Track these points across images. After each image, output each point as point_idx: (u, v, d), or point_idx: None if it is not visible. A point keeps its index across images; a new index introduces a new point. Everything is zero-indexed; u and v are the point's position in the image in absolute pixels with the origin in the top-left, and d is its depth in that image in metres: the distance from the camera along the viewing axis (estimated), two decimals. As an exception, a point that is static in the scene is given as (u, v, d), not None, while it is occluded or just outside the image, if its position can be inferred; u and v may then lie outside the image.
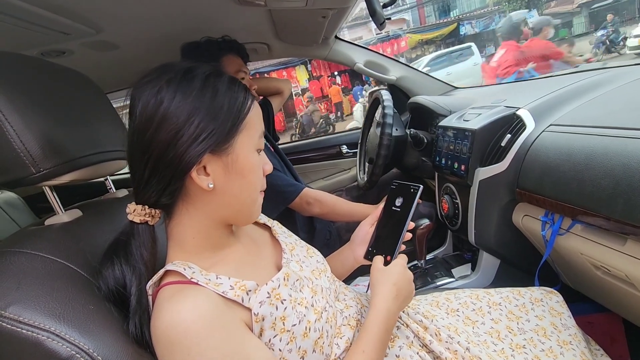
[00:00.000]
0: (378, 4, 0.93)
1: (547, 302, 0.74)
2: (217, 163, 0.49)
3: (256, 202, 0.56)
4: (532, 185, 0.83)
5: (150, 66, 0.49)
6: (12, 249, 0.44)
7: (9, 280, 0.40)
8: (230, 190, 0.51)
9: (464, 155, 1.01)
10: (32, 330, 0.36)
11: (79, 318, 0.39)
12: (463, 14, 14.80)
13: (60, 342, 0.36)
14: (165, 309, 0.44)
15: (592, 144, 0.69)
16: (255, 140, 0.53)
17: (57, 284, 0.42)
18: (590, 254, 0.72)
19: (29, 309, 0.37)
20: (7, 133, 0.46)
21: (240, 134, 0.50)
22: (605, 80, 0.90)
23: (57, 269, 0.44)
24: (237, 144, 0.50)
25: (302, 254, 0.65)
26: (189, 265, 0.49)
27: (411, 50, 14.32)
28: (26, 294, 0.39)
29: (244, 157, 0.51)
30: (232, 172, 0.50)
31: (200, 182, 0.48)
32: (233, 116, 0.49)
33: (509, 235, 0.97)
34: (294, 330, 0.51)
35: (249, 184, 0.53)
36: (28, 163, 0.47)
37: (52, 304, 0.39)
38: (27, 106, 0.49)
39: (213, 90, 0.48)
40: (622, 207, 0.61)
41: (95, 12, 0.91)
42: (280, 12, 1.18)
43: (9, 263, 0.42)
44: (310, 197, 1.17)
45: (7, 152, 0.46)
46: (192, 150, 0.46)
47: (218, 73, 0.51)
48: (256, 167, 0.54)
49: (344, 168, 1.95)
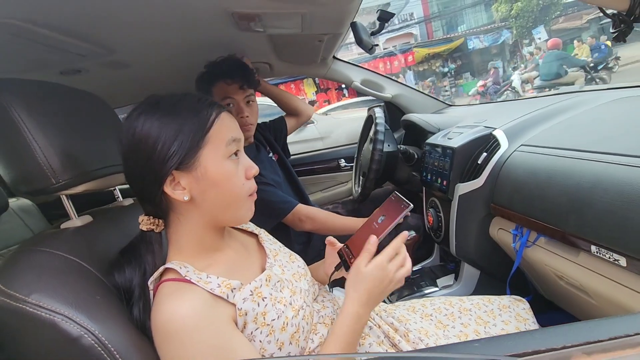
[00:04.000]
0: (365, 33, 1.01)
1: (514, 309, 0.80)
2: (189, 177, 0.55)
3: (243, 206, 0.59)
4: (504, 200, 0.90)
5: (158, 83, 0.58)
6: (35, 247, 0.53)
7: (32, 273, 0.48)
8: (209, 199, 0.57)
9: (445, 172, 1.08)
10: (49, 313, 0.44)
11: (88, 306, 0.47)
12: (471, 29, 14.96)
13: (71, 324, 0.44)
14: (164, 304, 0.51)
15: (553, 164, 0.76)
16: (223, 149, 0.56)
17: (71, 277, 0.50)
18: (552, 265, 0.78)
19: (47, 297, 0.45)
20: (33, 149, 0.55)
21: (205, 148, 0.55)
22: (574, 104, 0.97)
23: (71, 266, 0.52)
24: (203, 158, 0.55)
25: (285, 259, 0.73)
26: (185, 265, 0.57)
27: (418, 64, 14.47)
28: (45, 285, 0.47)
29: (214, 168, 0.55)
30: (205, 183, 0.55)
31: (176, 196, 0.55)
32: (194, 134, 0.54)
33: (487, 247, 1.03)
34: (273, 325, 0.58)
35: (225, 191, 0.57)
36: (49, 175, 0.56)
37: (66, 294, 0.47)
38: (49, 126, 0.58)
39: (174, 114, 0.54)
40: (574, 222, 0.67)
41: (107, 36, 1.01)
42: (279, 36, 1.28)
43: (33, 259, 0.51)
44: (302, 214, 1.23)
45: (32, 166, 0.55)
46: (160, 170, 0.53)
47: (184, 98, 0.57)
48: (229, 174, 0.57)
49: (341, 181, 2.03)
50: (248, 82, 1.25)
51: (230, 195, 0.57)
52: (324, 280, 0.82)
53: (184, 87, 1.42)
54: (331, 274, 0.75)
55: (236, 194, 0.58)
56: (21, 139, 0.54)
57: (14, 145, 0.55)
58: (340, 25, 1.11)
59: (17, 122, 0.54)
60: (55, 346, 0.44)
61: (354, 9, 1.03)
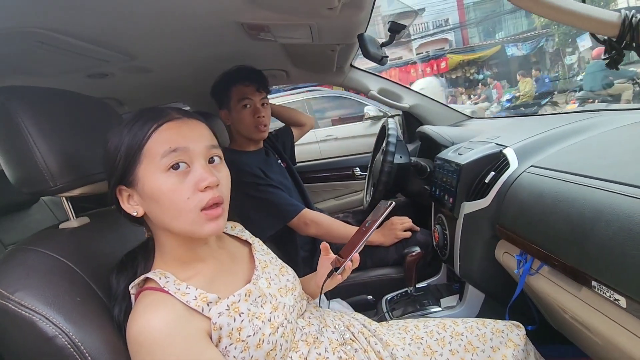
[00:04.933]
0: (374, 45, 1.00)
1: (507, 334, 0.76)
2: (133, 193, 0.57)
3: (193, 221, 0.55)
4: (509, 223, 0.86)
5: (179, 87, 0.61)
6: (28, 247, 0.56)
7: (21, 272, 0.51)
8: (156, 215, 0.57)
9: (452, 188, 1.04)
10: (29, 312, 0.47)
11: (66, 307, 0.50)
12: (509, 36, 14.43)
13: (48, 323, 0.47)
14: (139, 316, 0.53)
15: (559, 188, 0.71)
16: (157, 162, 0.54)
17: (55, 278, 0.53)
18: (555, 297, 0.73)
19: (29, 295, 0.48)
20: (34, 154, 0.58)
21: (141, 164, 0.54)
22: (593, 124, 0.90)
23: (58, 266, 0.55)
24: (140, 173, 0.55)
25: (274, 272, 0.73)
26: (166, 274, 0.58)
27: (451, 71, 14.11)
28: (30, 284, 0.50)
29: (149, 183, 0.54)
30: (146, 198, 0.55)
31: (129, 210, 0.58)
32: (128, 149, 0.55)
33: (491, 270, 0.98)
34: (248, 341, 0.58)
35: (167, 207, 0.54)
36: (47, 178, 0.59)
37: (48, 294, 0.49)
38: (52, 131, 0.61)
39: (120, 132, 0.57)
40: (575, 254, 0.63)
41: (128, 44, 1.06)
42: (293, 45, 1.30)
43: (23, 258, 0.54)
44: (307, 218, 1.25)
45: (33, 169, 0.59)
46: (109, 184, 0.57)
47: (135, 115, 0.58)
48: (166, 188, 0.54)
49: (355, 189, 2.01)
50: (263, 86, 1.33)
51: (172, 210, 0.54)
52: (316, 292, 0.82)
53: (202, 90, 1.48)
54: (322, 283, 0.75)
55: (179, 208, 0.54)
56: (24, 144, 0.58)
57: (17, 148, 0.59)
58: (351, 36, 1.10)
59: (21, 128, 0.58)
60: (32, 344, 0.47)
61: (363, 21, 1.02)
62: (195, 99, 1.84)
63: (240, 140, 1.36)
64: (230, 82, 1.28)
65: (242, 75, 1.27)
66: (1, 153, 0.61)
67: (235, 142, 1.38)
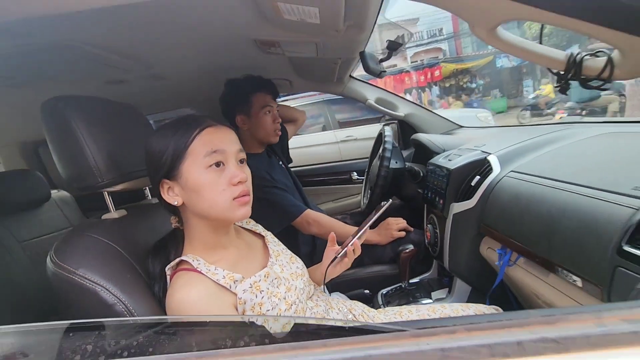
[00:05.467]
0: (373, 61, 1.12)
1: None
2: (176, 185, 0.67)
3: (228, 209, 0.66)
4: (491, 221, 0.97)
5: (188, 93, 0.71)
6: (84, 233, 0.66)
7: (80, 253, 0.61)
8: (195, 204, 0.67)
9: (442, 191, 1.16)
10: (92, 284, 0.57)
11: (121, 281, 0.60)
12: (501, 46, 14.72)
13: (108, 294, 0.57)
14: (177, 291, 0.63)
15: (533, 190, 0.83)
16: (200, 160, 0.65)
17: (109, 258, 0.63)
18: (529, 284, 0.85)
19: (91, 271, 0.58)
20: (86, 154, 0.68)
21: (185, 161, 0.65)
22: (565, 135, 1.03)
23: (108, 249, 0.65)
24: (184, 170, 0.65)
25: (286, 260, 0.83)
26: (197, 258, 0.68)
27: (445, 79, 14.37)
28: (89, 262, 0.60)
29: (193, 178, 0.65)
30: (188, 190, 0.66)
31: (170, 201, 0.68)
32: (175, 149, 0.65)
33: (476, 264, 1.09)
34: (267, 314, 0.68)
35: (206, 197, 0.65)
36: (97, 174, 0.69)
37: (105, 270, 0.59)
38: (99, 134, 0.71)
39: (166, 135, 0.66)
40: (544, 246, 0.75)
41: (148, 55, 1.17)
42: (298, 58, 1.41)
43: (80, 241, 0.64)
44: (310, 218, 1.35)
45: (84, 167, 0.69)
46: (154, 178, 0.67)
47: (177, 120, 0.69)
48: (208, 183, 0.65)
49: (352, 193, 2.12)
50: (277, 94, 1.45)
51: (210, 200, 0.65)
52: (321, 280, 0.92)
53: (208, 96, 1.58)
54: (326, 269, 0.86)
55: (216, 198, 0.65)
56: (77, 145, 0.68)
57: (72, 149, 0.68)
58: (352, 52, 1.22)
59: (76, 132, 0.68)
60: (95, 310, 0.57)
61: (364, 39, 1.14)
62: (201, 104, 1.95)
63: (250, 143, 1.45)
64: (251, 90, 1.37)
65: (261, 85, 1.38)
66: (57, 153, 0.71)
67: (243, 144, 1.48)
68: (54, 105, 0.69)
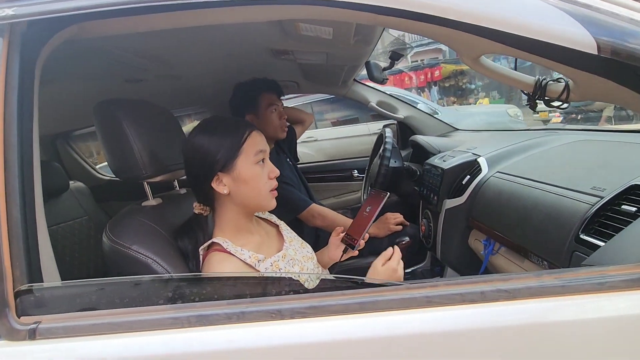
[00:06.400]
0: (377, 70, 1.25)
1: None
2: (228, 177, 0.77)
3: (266, 198, 0.81)
4: (479, 216, 1.10)
5: (199, 92, 0.82)
6: (130, 217, 0.79)
7: (131, 231, 0.74)
8: (242, 193, 0.78)
9: (436, 188, 1.29)
10: (145, 258, 0.69)
11: (168, 256, 0.72)
12: (500, 48, 14.80)
13: (158, 266, 0.69)
14: (216, 266, 0.75)
15: (514, 188, 0.96)
16: (251, 157, 0.77)
17: (155, 237, 0.75)
18: (508, 269, 0.98)
19: (143, 247, 0.70)
20: (134, 149, 0.80)
21: (240, 157, 0.76)
22: (546, 141, 1.16)
23: (153, 229, 0.77)
24: (238, 164, 0.76)
25: (297, 245, 0.96)
26: (226, 240, 0.81)
27: (444, 80, 14.48)
28: (141, 239, 0.72)
29: (245, 171, 0.77)
30: (239, 181, 0.77)
31: (220, 190, 0.78)
32: (232, 148, 0.76)
33: (466, 254, 1.23)
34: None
35: (253, 188, 0.78)
36: (141, 167, 0.82)
37: (154, 247, 0.72)
38: (143, 132, 0.83)
39: (220, 133, 0.77)
40: (519, 235, 0.88)
41: (172, 58, 1.28)
42: (306, 63, 1.53)
43: (130, 223, 0.76)
44: (315, 212, 1.47)
45: (131, 160, 0.81)
46: (209, 172, 0.77)
47: (225, 121, 0.81)
48: (257, 175, 0.78)
49: (353, 189, 2.25)
50: (282, 94, 1.55)
51: (256, 190, 0.79)
52: (327, 263, 1.05)
53: (218, 96, 1.69)
54: (340, 257, 0.98)
55: (260, 190, 0.79)
56: (126, 142, 0.80)
57: (122, 146, 0.81)
58: (358, 60, 1.34)
59: (126, 130, 0.80)
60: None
61: (370, 50, 1.26)
62: (210, 103, 2.06)
63: None
64: (259, 90, 1.48)
65: (267, 85, 1.48)
66: (108, 149, 0.83)
67: None
68: (106, 107, 0.81)
